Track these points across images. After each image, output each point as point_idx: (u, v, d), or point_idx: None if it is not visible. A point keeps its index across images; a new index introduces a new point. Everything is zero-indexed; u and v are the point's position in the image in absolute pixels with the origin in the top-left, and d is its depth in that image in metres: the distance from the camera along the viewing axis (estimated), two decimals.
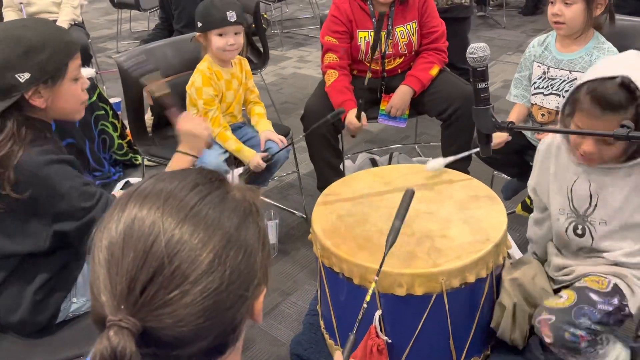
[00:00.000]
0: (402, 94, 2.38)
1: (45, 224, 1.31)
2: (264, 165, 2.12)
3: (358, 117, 2.25)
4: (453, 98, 2.33)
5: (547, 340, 1.44)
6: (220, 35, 2.10)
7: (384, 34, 2.35)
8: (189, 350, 0.59)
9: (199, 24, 2.12)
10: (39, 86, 1.26)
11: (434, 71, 2.39)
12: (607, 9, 1.93)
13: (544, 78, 2.05)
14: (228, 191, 0.65)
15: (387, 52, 2.39)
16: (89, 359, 0.56)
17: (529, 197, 2.27)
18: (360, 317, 1.27)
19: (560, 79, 2.01)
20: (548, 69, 2.04)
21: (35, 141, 1.28)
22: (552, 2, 1.94)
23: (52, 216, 1.31)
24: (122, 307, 0.56)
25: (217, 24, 2.08)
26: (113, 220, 0.60)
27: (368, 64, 2.38)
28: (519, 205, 2.38)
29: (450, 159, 1.87)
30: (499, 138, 1.99)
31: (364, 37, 2.35)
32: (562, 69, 2.01)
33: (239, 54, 2.23)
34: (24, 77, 1.23)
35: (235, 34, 2.12)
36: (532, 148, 2.12)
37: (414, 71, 2.40)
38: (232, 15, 2.07)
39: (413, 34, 2.38)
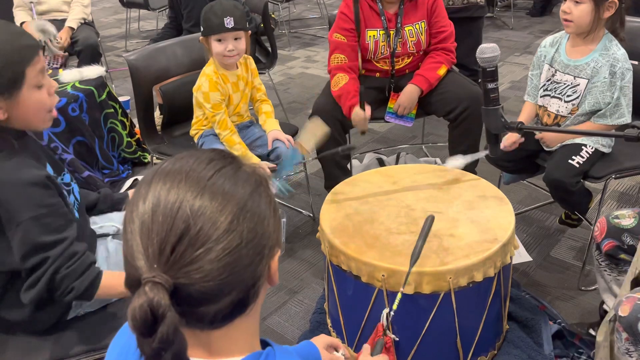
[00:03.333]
0: (410, 93, 2.39)
1: (6, 246, 1.22)
2: (269, 173, 2.13)
3: (362, 107, 2.23)
4: (461, 98, 2.33)
5: (621, 313, 1.36)
6: (219, 40, 2.09)
7: (392, 32, 2.36)
8: (215, 306, 0.66)
9: (202, 29, 2.12)
10: None
11: (442, 71, 2.40)
12: (618, 12, 1.92)
13: (551, 81, 2.06)
14: (240, 166, 0.72)
15: (395, 51, 2.40)
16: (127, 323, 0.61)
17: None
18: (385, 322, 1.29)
19: (565, 84, 2.02)
20: (555, 72, 2.05)
21: (0, 152, 1.20)
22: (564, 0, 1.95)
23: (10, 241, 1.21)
24: (155, 266, 0.63)
25: (214, 30, 2.08)
26: (140, 197, 0.67)
27: (376, 63, 2.38)
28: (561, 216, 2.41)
29: (469, 157, 1.80)
30: (511, 139, 1.99)
31: (373, 35, 2.36)
32: (568, 74, 2.01)
33: (244, 53, 2.24)
34: None
35: (236, 39, 2.10)
36: (544, 151, 2.12)
37: (422, 70, 2.40)
38: (229, 22, 2.05)
39: (422, 33, 2.39)
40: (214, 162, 0.69)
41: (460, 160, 1.79)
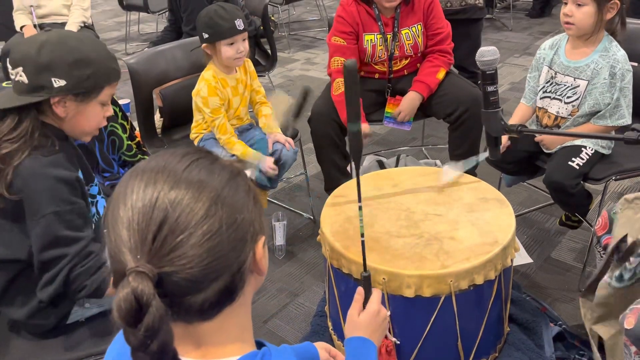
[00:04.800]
0: (411, 100, 2.39)
1: (25, 236, 1.27)
2: (276, 169, 2.14)
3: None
4: (460, 100, 2.34)
5: (626, 326, 1.37)
6: (231, 44, 2.11)
7: (389, 36, 2.36)
8: (203, 295, 0.67)
9: (206, 35, 2.11)
10: (68, 96, 1.28)
11: (441, 74, 2.40)
12: (619, 13, 1.92)
13: (552, 83, 2.06)
14: (216, 158, 0.74)
15: (393, 54, 2.40)
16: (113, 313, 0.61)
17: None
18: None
19: (565, 85, 2.02)
20: (555, 74, 2.05)
21: (40, 147, 1.26)
22: (565, 3, 1.94)
23: (29, 232, 1.26)
24: (139, 256, 0.64)
25: (226, 34, 2.09)
26: (120, 195, 0.69)
27: (374, 65, 2.38)
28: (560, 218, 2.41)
29: (460, 164, 1.84)
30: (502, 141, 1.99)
31: (370, 39, 2.36)
32: (568, 75, 2.01)
33: None
34: (58, 83, 1.25)
35: (243, 40, 2.14)
36: (544, 153, 2.12)
37: (421, 76, 2.40)
38: (240, 24, 2.09)
39: (419, 36, 2.39)
40: (188, 155, 0.72)
41: (454, 170, 1.81)
